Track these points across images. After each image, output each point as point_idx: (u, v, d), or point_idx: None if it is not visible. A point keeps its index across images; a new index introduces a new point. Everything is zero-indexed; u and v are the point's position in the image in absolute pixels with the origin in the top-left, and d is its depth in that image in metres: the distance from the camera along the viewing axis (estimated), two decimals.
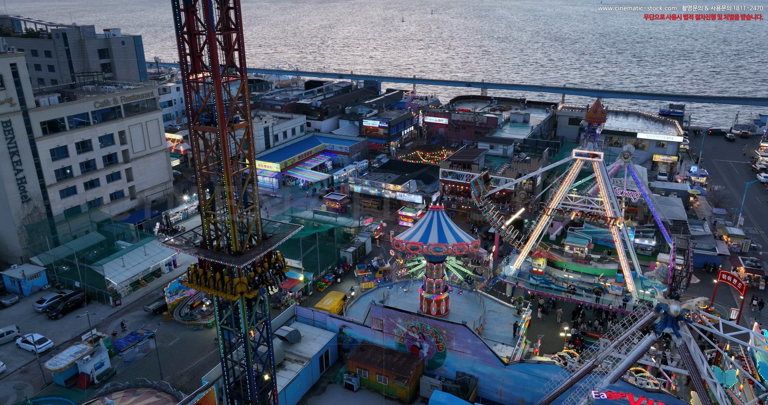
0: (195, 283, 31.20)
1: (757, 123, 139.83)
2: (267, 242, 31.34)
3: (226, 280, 30.02)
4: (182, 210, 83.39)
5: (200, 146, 30.74)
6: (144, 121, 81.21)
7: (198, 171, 30.07)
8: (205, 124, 29.36)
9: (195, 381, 51.28)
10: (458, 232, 49.50)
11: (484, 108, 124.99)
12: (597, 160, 58.50)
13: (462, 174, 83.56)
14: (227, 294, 29.90)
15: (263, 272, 30.92)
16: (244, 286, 29.71)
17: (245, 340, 30.74)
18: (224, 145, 28.41)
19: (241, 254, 29.98)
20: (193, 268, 31.28)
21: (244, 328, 30.68)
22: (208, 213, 30.36)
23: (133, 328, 59.51)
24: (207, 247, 31.39)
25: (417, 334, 45.98)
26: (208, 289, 30.70)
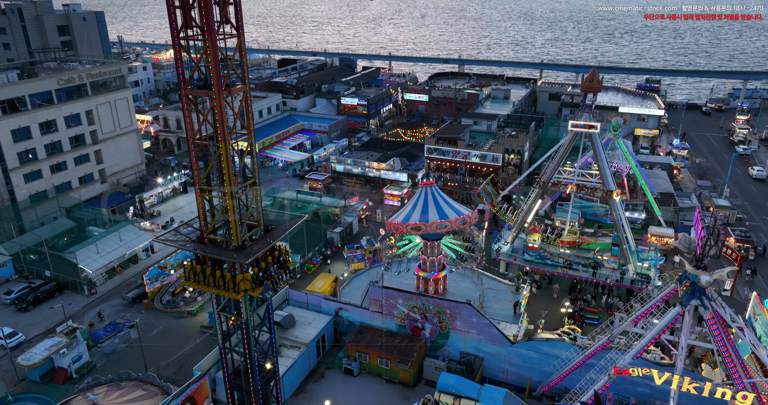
0: (193, 282, 28.56)
1: (731, 96, 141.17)
2: (270, 235, 28.67)
3: (228, 277, 27.42)
4: (157, 193, 79.29)
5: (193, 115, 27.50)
6: (113, 99, 76.48)
7: (191, 142, 26.95)
8: (199, 88, 26.18)
9: (182, 371, 48.45)
10: (456, 206, 47.39)
11: (463, 84, 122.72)
12: (594, 131, 56.93)
13: (448, 150, 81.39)
14: (230, 292, 27.29)
15: (267, 267, 28.30)
16: (248, 284, 27.19)
17: (247, 328, 28.09)
18: (221, 111, 25.34)
19: (244, 248, 27.28)
20: (191, 265, 28.67)
21: (245, 313, 28.01)
22: (204, 188, 27.34)
23: (112, 317, 56.07)
24: (205, 241, 28.39)
25: (419, 315, 43.93)
26: (208, 287, 28.14)
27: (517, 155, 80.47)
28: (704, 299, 29.14)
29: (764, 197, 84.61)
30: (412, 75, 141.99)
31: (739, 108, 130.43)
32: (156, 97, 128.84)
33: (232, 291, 27.29)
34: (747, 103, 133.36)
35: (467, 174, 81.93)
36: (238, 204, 27.44)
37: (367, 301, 46.22)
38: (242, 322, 28.25)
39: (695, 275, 28.73)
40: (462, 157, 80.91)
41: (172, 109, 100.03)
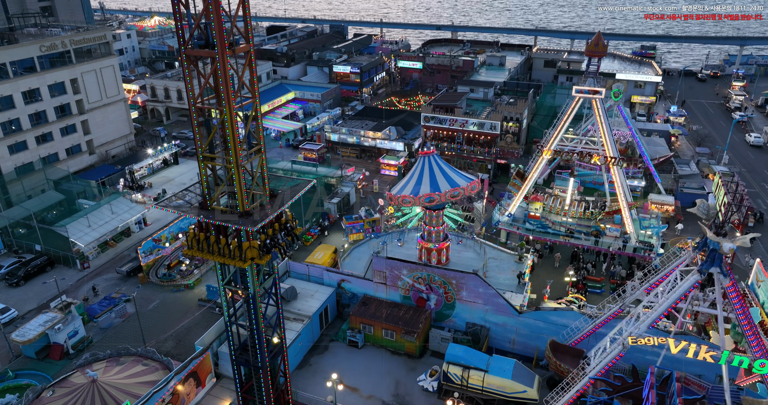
0: (196, 250, 27.00)
1: (727, 63, 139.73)
2: (277, 200, 27.13)
3: (234, 244, 25.93)
4: (147, 165, 77.14)
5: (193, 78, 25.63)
6: (98, 67, 73.53)
7: (192, 107, 25.22)
8: (200, 47, 24.30)
9: (181, 346, 47.57)
10: (461, 172, 46.24)
11: (457, 51, 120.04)
12: (598, 96, 55.53)
13: (445, 119, 79.62)
14: (236, 261, 25.92)
15: (274, 235, 26.87)
16: (255, 252, 25.73)
17: (254, 302, 26.92)
18: (224, 72, 23.57)
19: (250, 215, 25.76)
20: (193, 233, 27.00)
21: (252, 287, 26.80)
22: (206, 157, 25.76)
23: (106, 291, 54.83)
24: (208, 208, 26.84)
25: (424, 286, 43.10)
26: (213, 255, 26.60)
27: (515, 123, 79.00)
28: (724, 267, 28.41)
29: (761, 164, 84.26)
30: (405, 42, 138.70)
31: (734, 74, 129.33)
32: (141, 66, 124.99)
33: (238, 259, 25.92)
34: (743, 69, 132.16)
35: (465, 142, 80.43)
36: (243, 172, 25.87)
37: (371, 272, 45.23)
38: (249, 296, 27.05)
39: (717, 242, 27.89)
40: (459, 125, 79.25)
41: (159, 78, 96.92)
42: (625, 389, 30.94)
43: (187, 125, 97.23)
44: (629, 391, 31.07)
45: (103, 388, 36.27)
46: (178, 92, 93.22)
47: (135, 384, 37.48)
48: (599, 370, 32.83)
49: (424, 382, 38.90)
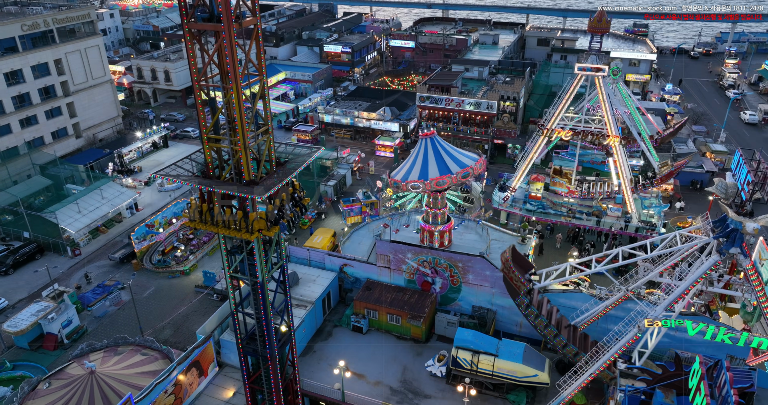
0: (199, 222, 25.33)
1: (719, 40, 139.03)
2: (284, 169, 25.61)
3: (239, 216, 24.45)
4: (136, 148, 75.02)
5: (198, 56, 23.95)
6: (83, 47, 70.85)
7: (195, 85, 23.66)
8: (203, 21, 22.65)
9: (179, 333, 46.50)
10: (464, 152, 45.13)
11: (449, 30, 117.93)
12: (601, 74, 54.43)
13: (441, 98, 78.15)
14: (242, 233, 24.41)
15: (282, 205, 25.41)
16: (263, 223, 24.20)
17: (263, 289, 25.71)
18: (231, 46, 22.02)
19: (256, 183, 24.20)
20: (195, 204, 25.28)
21: (261, 275, 25.57)
22: (211, 138, 24.27)
23: (100, 279, 53.37)
24: (211, 177, 25.14)
25: (429, 269, 42.16)
26: (217, 228, 25.01)
27: (512, 102, 77.76)
28: (744, 247, 27.70)
29: (757, 141, 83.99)
30: (396, 21, 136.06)
31: (727, 52, 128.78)
32: (126, 47, 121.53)
33: (244, 231, 24.32)
34: (735, 47, 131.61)
35: (461, 123, 79.18)
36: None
37: (374, 256, 44.16)
38: (257, 284, 25.82)
39: (739, 222, 27.11)
40: (455, 105, 77.88)
41: (145, 59, 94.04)
42: (667, 379, 30.11)
43: (175, 107, 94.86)
44: (672, 381, 30.29)
45: (101, 379, 35.07)
46: (166, 73, 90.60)
47: (135, 374, 36.34)
48: (614, 354, 32.26)
49: (432, 367, 38.17)
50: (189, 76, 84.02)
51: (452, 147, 44.88)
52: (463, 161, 41.42)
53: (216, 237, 57.93)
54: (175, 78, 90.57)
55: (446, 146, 44.52)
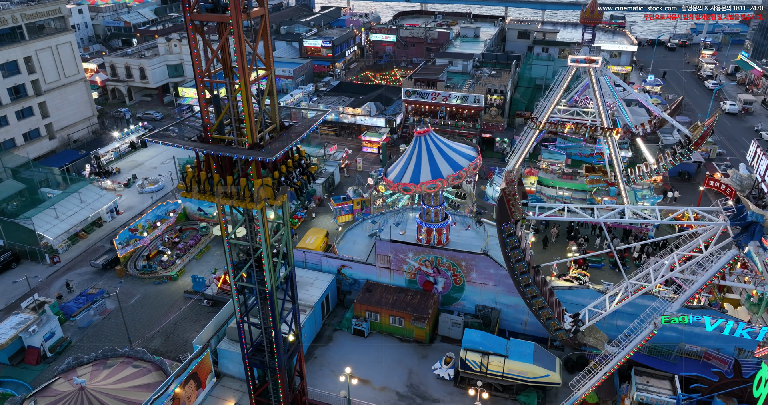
0: (196, 192, 22.95)
1: (694, 31, 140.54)
2: (290, 132, 23.43)
3: (243, 184, 22.09)
4: (113, 149, 72.17)
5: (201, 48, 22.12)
6: (54, 44, 67.63)
7: (198, 82, 21.91)
8: (208, 11, 20.87)
9: (170, 342, 44.46)
10: (461, 149, 43.87)
11: (430, 23, 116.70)
12: (594, 66, 53.80)
13: (427, 93, 76.89)
14: (246, 202, 22.16)
15: (288, 172, 23.24)
16: (269, 191, 21.95)
17: (272, 298, 24.11)
18: (240, 38, 20.31)
19: (261, 148, 21.98)
20: (192, 173, 23.07)
21: (270, 283, 23.93)
22: (216, 138, 22.52)
23: (82, 287, 50.86)
24: (209, 142, 23.00)
25: (431, 269, 40.94)
26: (216, 198, 22.79)
27: (500, 96, 76.89)
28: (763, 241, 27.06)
29: (738, 131, 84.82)
30: (375, 14, 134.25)
31: (702, 43, 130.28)
32: (96, 44, 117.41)
33: (248, 200, 22.30)
34: (710, 38, 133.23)
35: (448, 117, 78.07)
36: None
37: (373, 256, 42.74)
38: (265, 289, 24.19)
39: (761, 215, 26.45)
40: (442, 99, 76.73)
41: (119, 56, 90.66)
42: (726, 386, 29.24)
43: (152, 105, 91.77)
44: (732, 390, 29.43)
45: (92, 395, 33.06)
46: (141, 70, 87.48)
47: (128, 389, 34.39)
48: (629, 352, 31.50)
49: (439, 370, 37.01)
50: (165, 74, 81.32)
51: (448, 144, 43.54)
52: (458, 162, 40.15)
53: (203, 240, 55.88)
54: (151, 75, 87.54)
55: (441, 145, 43.05)
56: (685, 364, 35.83)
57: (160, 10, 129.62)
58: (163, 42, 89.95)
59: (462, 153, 42.84)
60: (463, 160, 40.91)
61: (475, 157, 42.08)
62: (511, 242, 31.46)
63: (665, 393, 31.84)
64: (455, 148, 43.30)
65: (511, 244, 31.46)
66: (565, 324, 31.77)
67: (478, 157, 42.49)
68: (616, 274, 51.10)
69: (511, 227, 31.32)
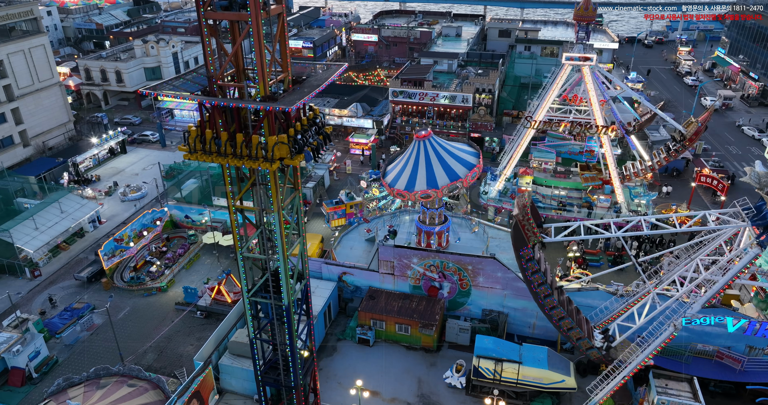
0: (201, 154, 20.78)
1: (669, 28, 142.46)
2: (305, 86, 21.59)
3: (255, 141, 19.93)
4: (91, 155, 69.41)
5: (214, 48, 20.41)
6: (26, 47, 64.64)
7: (214, 87, 20.31)
8: (223, 9, 19.28)
9: (164, 358, 42.45)
10: (461, 155, 42.81)
11: (410, 23, 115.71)
12: (589, 64, 53.33)
13: (414, 93, 75.81)
14: (259, 162, 20.07)
15: (304, 131, 21.40)
16: (285, 149, 19.85)
17: (288, 314, 22.63)
18: (259, 39, 18.80)
19: (274, 100, 19.99)
20: (196, 132, 20.86)
21: (287, 297, 22.44)
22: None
23: (66, 302, 48.41)
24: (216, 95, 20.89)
25: (436, 274, 39.78)
26: (225, 158, 20.55)
27: (488, 95, 76.19)
28: None
29: (720, 126, 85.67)
30: (355, 14, 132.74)
31: (678, 40, 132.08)
32: (67, 47, 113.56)
33: (262, 160, 20.11)
34: (685, 34, 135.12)
35: (436, 117, 77.12)
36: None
37: (375, 262, 41.40)
38: (281, 305, 22.72)
39: None
40: (430, 99, 75.73)
41: (94, 59, 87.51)
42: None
43: (129, 110, 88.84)
44: None
45: None
46: (117, 74, 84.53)
47: None
48: (648, 355, 30.78)
49: (450, 378, 35.87)
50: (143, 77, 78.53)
51: (448, 149, 42.19)
52: (456, 171, 39.09)
53: (192, 249, 53.77)
54: (128, 79, 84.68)
55: (441, 150, 41.73)
56: (698, 364, 35.43)
57: (132, 11, 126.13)
58: (140, 44, 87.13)
59: (461, 160, 41.61)
60: (461, 169, 39.77)
61: (474, 164, 40.82)
62: (531, 267, 30.92)
63: (686, 395, 31.23)
64: (455, 154, 42.03)
65: (532, 268, 30.91)
66: (596, 342, 31.00)
67: (478, 165, 41.18)
68: (615, 273, 50.70)
69: (529, 252, 30.81)
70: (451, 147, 42.10)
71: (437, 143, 41.66)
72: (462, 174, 39.62)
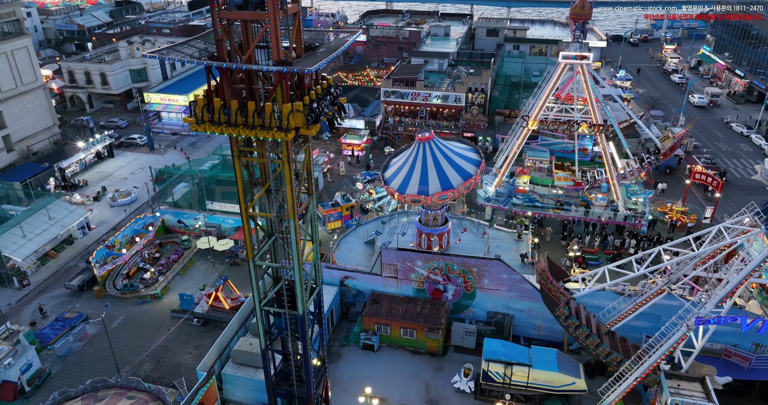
0: (209, 125, 19.46)
1: (654, 27, 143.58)
2: (317, 51, 20.57)
3: (268, 110, 18.72)
4: (78, 160, 67.73)
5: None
6: (9, 50, 62.83)
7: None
8: (238, 8, 18.37)
9: (161, 367, 41.31)
10: (463, 149, 42.30)
11: (398, 22, 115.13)
12: (585, 62, 53.12)
13: (407, 93, 75.23)
14: (273, 132, 18.87)
15: (320, 99, 20.28)
16: (301, 118, 18.63)
17: (303, 323, 21.83)
18: (277, 39, 17.99)
19: (290, 64, 18.81)
20: (203, 101, 19.65)
21: (301, 306, 21.65)
22: (243, 150, 20.07)
23: (57, 311, 46.99)
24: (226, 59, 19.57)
25: (440, 276, 39.17)
26: (235, 128, 19.22)
27: (481, 94, 75.85)
28: None
29: (709, 123, 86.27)
30: (342, 14, 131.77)
31: (663, 38, 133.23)
32: (48, 49, 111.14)
33: (276, 130, 18.86)
34: (670, 33, 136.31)
35: (428, 117, 76.62)
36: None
37: (378, 266, 40.66)
38: (298, 316, 21.90)
39: None
40: (422, 99, 75.19)
41: (77, 61, 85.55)
42: None
43: (115, 112, 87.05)
44: None
45: None
46: (102, 76, 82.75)
47: None
48: (660, 356, 30.47)
49: (459, 383, 35.27)
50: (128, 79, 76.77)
51: (451, 148, 41.68)
52: (466, 169, 38.59)
53: (186, 254, 52.55)
54: (113, 81, 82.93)
55: (446, 150, 41.19)
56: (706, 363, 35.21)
57: (115, 12, 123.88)
58: (125, 46, 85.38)
59: (467, 157, 41.18)
60: (470, 166, 39.31)
61: (471, 174, 40.14)
62: (571, 324, 31.14)
63: (698, 395, 30.93)
64: (459, 152, 41.59)
65: (573, 325, 31.21)
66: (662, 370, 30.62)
67: (475, 177, 40.51)
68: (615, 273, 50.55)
69: (564, 311, 30.83)
70: (453, 153, 41.24)
71: (438, 147, 40.92)
72: (472, 171, 39.07)
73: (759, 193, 64.85)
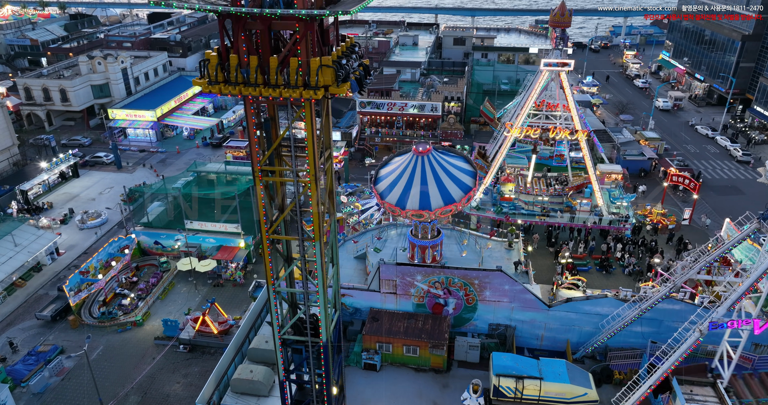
0: (224, 85, 17.34)
1: (613, 34, 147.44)
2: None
3: (294, 65, 16.60)
4: (41, 181, 64.22)
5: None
6: None
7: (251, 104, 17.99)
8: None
9: (149, 399, 38.91)
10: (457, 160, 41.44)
11: (365, 32, 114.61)
12: (567, 69, 53.40)
13: (383, 103, 74.43)
14: (300, 90, 16.82)
15: (348, 56, 18.53)
16: (330, 73, 16.77)
17: (326, 352, 20.40)
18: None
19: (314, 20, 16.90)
20: (217, 59, 17.32)
21: (325, 333, 20.18)
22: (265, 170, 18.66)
23: (29, 345, 43.89)
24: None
25: (441, 290, 38.15)
26: (256, 88, 17.08)
27: (457, 103, 75.69)
28: None
29: (675, 126, 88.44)
30: None
31: (622, 44, 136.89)
32: None
33: (303, 88, 16.82)
34: (628, 39, 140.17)
35: (405, 126, 75.96)
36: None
37: (376, 282, 39.34)
38: (322, 344, 20.43)
39: None
40: (398, 109, 74.49)
41: (34, 77, 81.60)
42: None
43: (77, 130, 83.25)
44: None
45: None
46: (62, 92, 79.11)
47: None
48: (674, 362, 30.18)
49: (469, 399, 34.12)
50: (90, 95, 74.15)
51: (446, 167, 40.51)
52: (464, 181, 37.75)
53: (165, 277, 49.99)
54: (74, 97, 79.40)
55: (443, 163, 40.10)
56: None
57: (70, 26, 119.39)
58: (85, 60, 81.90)
59: (461, 168, 40.16)
60: (467, 178, 38.48)
61: (470, 186, 39.22)
62: None
63: (712, 400, 30.75)
64: (454, 164, 40.47)
65: None
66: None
67: (474, 188, 39.76)
68: (603, 277, 50.70)
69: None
70: (449, 165, 40.13)
71: (437, 160, 39.74)
72: (470, 183, 38.28)
73: (731, 193, 66.61)
